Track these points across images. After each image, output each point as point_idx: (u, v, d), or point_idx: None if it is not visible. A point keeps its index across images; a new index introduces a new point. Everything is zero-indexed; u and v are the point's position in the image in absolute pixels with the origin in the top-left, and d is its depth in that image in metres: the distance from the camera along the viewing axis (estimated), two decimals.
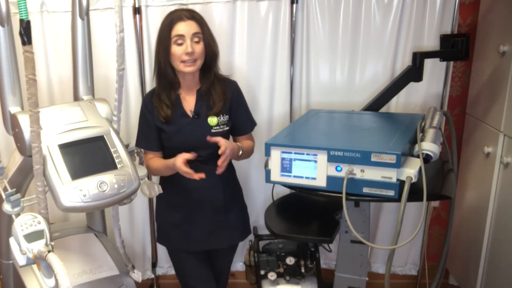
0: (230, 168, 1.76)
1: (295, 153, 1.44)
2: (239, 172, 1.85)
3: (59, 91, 2.11)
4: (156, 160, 1.65)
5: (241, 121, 1.71)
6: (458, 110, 2.22)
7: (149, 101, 1.64)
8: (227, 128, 1.65)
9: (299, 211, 1.93)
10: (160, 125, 1.61)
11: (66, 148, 1.30)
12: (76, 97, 1.55)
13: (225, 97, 1.64)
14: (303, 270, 1.94)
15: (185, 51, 1.51)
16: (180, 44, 1.52)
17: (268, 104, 2.12)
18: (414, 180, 1.31)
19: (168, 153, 1.66)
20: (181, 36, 1.52)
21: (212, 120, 1.62)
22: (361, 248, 1.72)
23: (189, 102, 1.63)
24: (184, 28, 1.52)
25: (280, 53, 2.06)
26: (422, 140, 1.45)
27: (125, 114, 2.12)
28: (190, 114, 1.62)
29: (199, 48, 1.54)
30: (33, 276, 1.53)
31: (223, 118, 1.64)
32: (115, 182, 1.31)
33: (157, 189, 1.53)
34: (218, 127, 1.63)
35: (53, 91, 2.12)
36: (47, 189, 1.26)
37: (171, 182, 1.67)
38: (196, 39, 1.54)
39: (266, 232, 1.85)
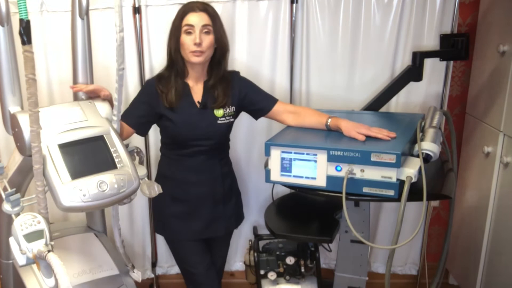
0: (228, 162, 1.79)
1: (295, 152, 1.44)
2: (239, 172, 1.85)
3: (59, 90, 2.11)
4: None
5: (258, 101, 1.71)
6: (458, 110, 2.22)
7: (152, 86, 1.63)
8: (233, 119, 1.68)
9: (299, 211, 1.93)
10: (164, 111, 1.61)
11: (66, 148, 1.30)
12: (76, 97, 1.55)
13: (230, 92, 1.66)
14: (303, 270, 1.94)
15: (193, 41, 1.53)
16: (189, 33, 1.54)
17: None
18: (414, 179, 1.31)
19: (171, 141, 1.69)
20: (191, 26, 1.54)
21: (218, 112, 1.64)
22: (361, 247, 1.72)
23: (197, 93, 1.65)
24: (195, 18, 1.54)
25: (280, 53, 2.06)
26: (422, 139, 1.45)
27: None
28: (197, 105, 1.64)
29: (208, 40, 1.55)
30: (33, 275, 1.53)
31: (229, 109, 1.66)
32: (115, 182, 1.31)
33: (157, 189, 1.53)
34: (224, 118, 1.65)
35: (53, 91, 2.12)
36: (47, 189, 1.26)
37: (171, 177, 1.70)
38: (205, 31, 1.55)
39: (266, 232, 1.85)
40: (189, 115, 1.62)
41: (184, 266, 1.81)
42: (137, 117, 1.62)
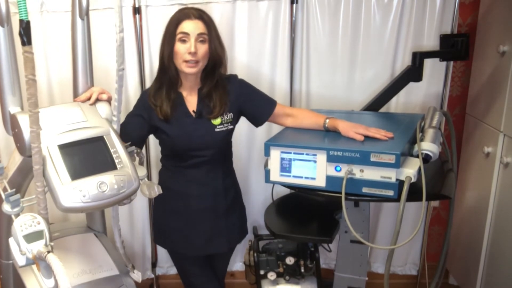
0: (231, 172, 1.75)
1: (294, 153, 1.44)
2: (239, 171, 1.84)
3: (59, 91, 2.11)
4: None
5: (258, 105, 1.66)
6: (458, 110, 2.22)
7: (146, 99, 1.59)
8: (232, 126, 1.62)
9: (298, 211, 1.93)
10: (159, 124, 1.57)
11: (66, 149, 1.30)
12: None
13: (226, 99, 1.60)
14: (302, 270, 1.94)
15: (188, 50, 1.47)
16: (184, 42, 1.49)
17: None
18: (413, 180, 1.31)
19: (170, 153, 1.66)
20: (186, 34, 1.48)
21: (216, 120, 1.59)
22: (360, 248, 1.72)
23: (191, 102, 1.60)
24: (190, 26, 1.48)
25: (280, 53, 2.06)
26: (421, 140, 1.45)
27: (125, 114, 2.09)
28: (192, 114, 1.59)
29: (203, 49, 1.50)
30: (33, 276, 1.53)
31: (227, 116, 1.60)
32: (114, 182, 1.30)
33: (157, 189, 1.53)
34: (222, 126, 1.59)
35: (53, 92, 2.12)
36: (46, 189, 1.26)
37: (171, 189, 1.65)
38: (201, 39, 1.49)
39: (266, 232, 1.85)
40: (184, 125, 1.57)
41: (184, 277, 1.79)
42: (131, 131, 1.56)
